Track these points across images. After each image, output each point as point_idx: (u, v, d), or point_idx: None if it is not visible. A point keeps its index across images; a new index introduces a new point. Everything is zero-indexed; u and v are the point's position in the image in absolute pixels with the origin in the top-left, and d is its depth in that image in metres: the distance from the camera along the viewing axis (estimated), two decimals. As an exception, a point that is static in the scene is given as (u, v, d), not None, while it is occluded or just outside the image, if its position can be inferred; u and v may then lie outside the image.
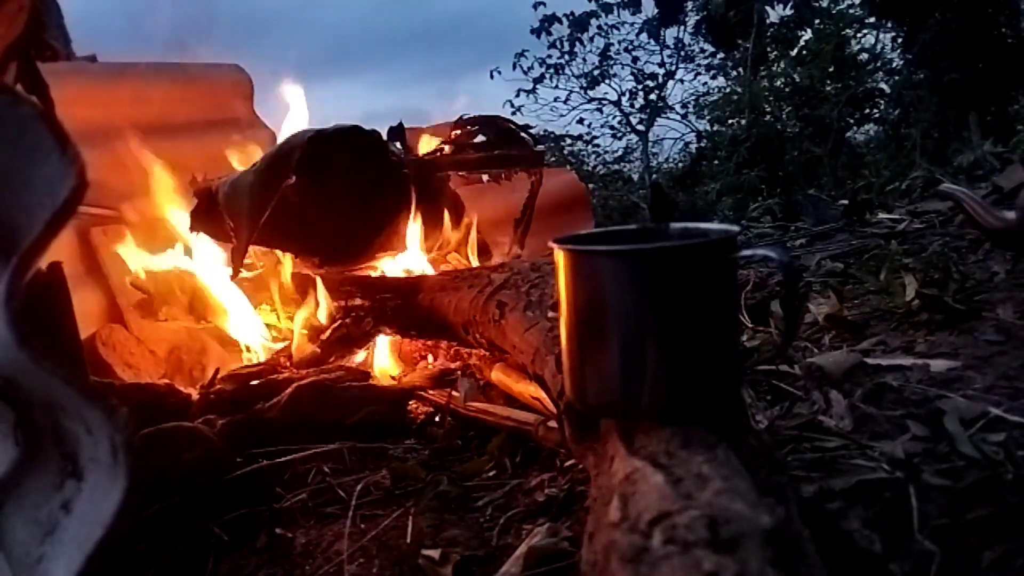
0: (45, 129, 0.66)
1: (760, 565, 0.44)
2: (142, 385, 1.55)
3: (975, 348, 1.25)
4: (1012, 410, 0.98)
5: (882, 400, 1.10)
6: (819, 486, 0.86)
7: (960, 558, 0.71)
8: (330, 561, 0.92)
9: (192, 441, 1.13)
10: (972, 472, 0.84)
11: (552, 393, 0.96)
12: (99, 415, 0.64)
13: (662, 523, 0.49)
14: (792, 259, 0.73)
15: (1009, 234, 1.60)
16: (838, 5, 8.68)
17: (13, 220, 0.65)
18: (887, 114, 8.51)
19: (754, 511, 0.49)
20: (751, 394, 1.18)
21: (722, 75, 10.39)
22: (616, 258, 0.70)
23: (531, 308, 1.15)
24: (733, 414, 0.73)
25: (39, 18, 1.44)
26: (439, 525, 0.97)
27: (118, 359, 1.77)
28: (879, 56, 8.73)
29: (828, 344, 1.43)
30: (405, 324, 1.64)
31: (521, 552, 0.82)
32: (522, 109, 10.43)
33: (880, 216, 2.85)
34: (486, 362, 1.45)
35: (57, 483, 0.69)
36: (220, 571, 0.94)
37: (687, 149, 10.54)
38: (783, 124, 8.41)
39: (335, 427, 1.30)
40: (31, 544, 0.69)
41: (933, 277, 1.60)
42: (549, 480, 1.03)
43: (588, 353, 0.72)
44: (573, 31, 10.25)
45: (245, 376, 1.59)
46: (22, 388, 0.70)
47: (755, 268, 1.86)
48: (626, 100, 10.79)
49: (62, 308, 0.91)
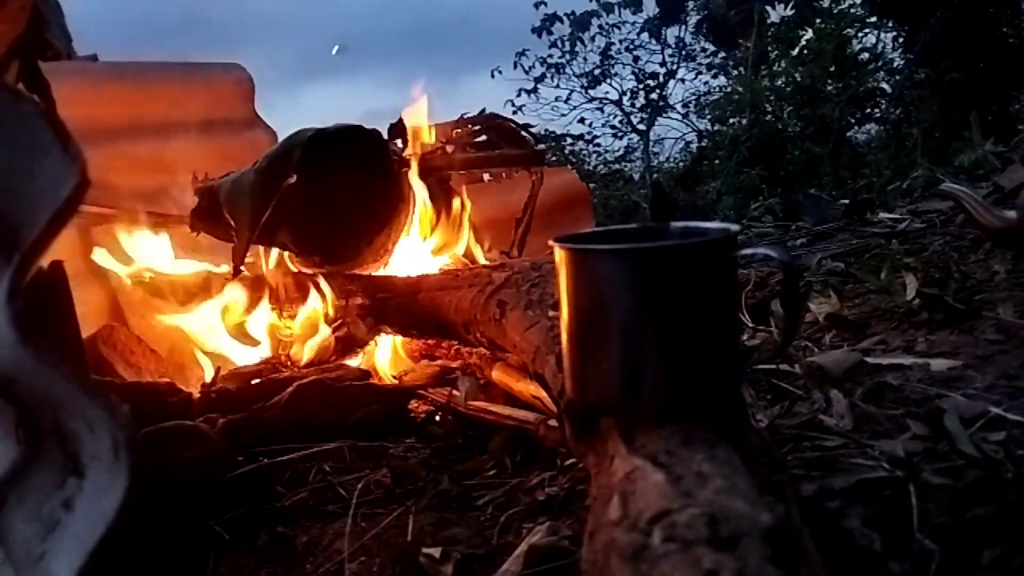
0: (47, 128, 0.67)
1: (760, 563, 0.44)
2: (143, 384, 1.56)
3: (975, 347, 1.25)
4: (1012, 409, 0.98)
5: (882, 399, 1.10)
6: (819, 485, 0.86)
7: (960, 557, 0.71)
8: (331, 560, 0.92)
9: (193, 440, 1.13)
10: (972, 471, 0.84)
11: (552, 392, 0.96)
12: (101, 413, 0.64)
13: (662, 521, 0.49)
14: (792, 258, 0.73)
15: (1010, 233, 1.59)
16: (839, 5, 8.67)
17: (15, 218, 0.66)
18: (888, 113, 8.50)
19: (754, 509, 0.49)
20: (751, 393, 1.18)
21: (723, 74, 10.38)
22: (616, 257, 0.70)
23: (532, 307, 1.15)
24: (733, 413, 0.73)
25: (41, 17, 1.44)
26: (440, 524, 0.97)
27: (119, 358, 1.77)
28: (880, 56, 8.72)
29: (828, 343, 1.43)
30: (406, 323, 1.64)
31: (522, 551, 0.82)
32: (523, 108, 10.42)
33: (881, 215, 2.85)
34: (487, 361, 1.45)
35: (59, 481, 0.69)
36: (221, 570, 0.95)
37: (688, 148, 10.53)
38: (784, 123, 8.40)
39: (336, 426, 1.31)
40: (33, 542, 0.69)
41: (934, 276, 1.60)
42: (549, 479, 1.03)
43: (588, 352, 0.72)
44: (574, 30, 10.23)
45: (246, 375, 1.60)
46: (23, 386, 0.70)
47: (756, 267, 1.86)
48: (627, 99, 10.78)
49: (64, 306, 0.91)
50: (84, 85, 2.25)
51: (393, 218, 1.77)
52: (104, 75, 2.48)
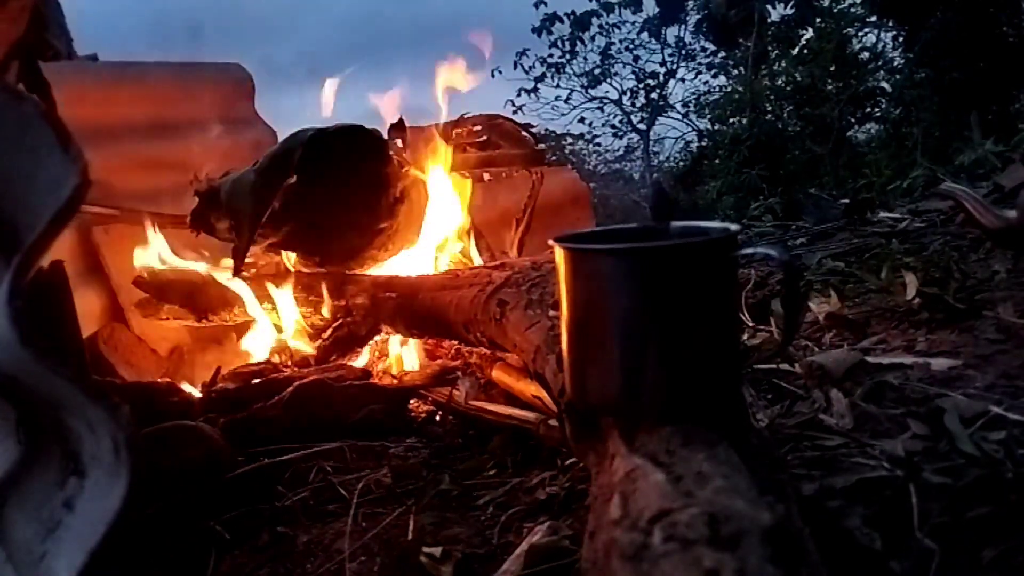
0: (47, 128, 0.67)
1: (760, 563, 0.44)
2: (144, 384, 1.56)
3: (976, 347, 1.25)
4: (1012, 408, 0.98)
5: (882, 398, 1.10)
6: (819, 484, 0.86)
7: (960, 556, 0.71)
8: (331, 559, 0.92)
9: (194, 440, 1.13)
10: (972, 470, 0.84)
11: (553, 392, 0.96)
12: (101, 413, 0.64)
13: (662, 521, 0.49)
14: (793, 258, 0.73)
15: (1010, 233, 1.59)
16: (839, 4, 8.67)
17: (16, 218, 0.66)
18: (888, 113, 8.50)
19: (754, 509, 0.49)
20: (752, 392, 1.18)
21: (723, 74, 10.39)
22: (616, 257, 0.70)
23: (532, 307, 1.15)
24: (733, 412, 0.73)
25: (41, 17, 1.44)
26: (440, 523, 0.97)
27: (120, 358, 1.77)
28: (880, 55, 8.72)
29: (829, 343, 1.43)
30: (406, 323, 1.64)
31: (522, 550, 0.82)
32: (523, 108, 10.43)
33: (881, 215, 2.85)
34: (487, 361, 1.45)
35: (59, 481, 0.70)
36: (221, 569, 0.95)
37: (688, 148, 10.54)
38: (784, 123, 8.40)
39: (336, 426, 1.31)
40: (34, 542, 0.69)
41: (934, 276, 1.60)
42: (550, 478, 1.03)
43: (589, 352, 0.72)
44: (574, 30, 10.24)
45: (247, 375, 1.60)
46: (24, 386, 0.70)
47: (756, 267, 1.86)
48: (627, 99, 10.79)
49: (64, 307, 0.91)
50: (84, 85, 2.25)
51: (393, 218, 1.77)
52: (104, 75, 2.48)
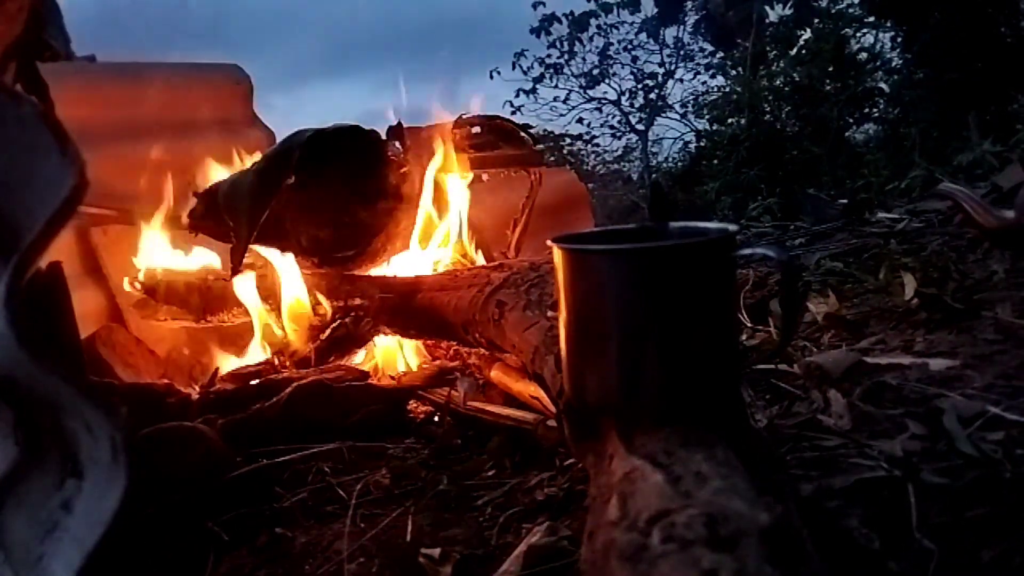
0: (45, 129, 0.67)
1: (758, 563, 0.44)
2: (142, 385, 1.55)
3: (974, 347, 1.25)
4: (1011, 409, 0.98)
5: (881, 399, 1.10)
6: (818, 484, 0.86)
7: (959, 556, 0.71)
8: (330, 560, 0.92)
9: (192, 441, 1.13)
10: (971, 471, 0.84)
11: (551, 392, 0.96)
12: (99, 414, 0.64)
13: (661, 521, 0.49)
14: (791, 258, 0.73)
15: (1008, 233, 1.60)
16: (837, 5, 8.67)
17: (13, 219, 0.66)
18: (887, 113, 8.50)
19: (753, 509, 0.49)
20: (750, 393, 1.18)
21: (721, 74, 10.38)
22: (615, 257, 0.70)
23: (530, 307, 1.15)
24: (732, 413, 0.73)
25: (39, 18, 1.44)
26: (439, 524, 0.97)
27: (118, 359, 1.77)
28: (879, 55, 8.72)
29: (827, 343, 1.43)
30: (405, 324, 1.64)
31: (520, 551, 0.82)
32: (522, 109, 10.42)
33: (879, 215, 2.85)
34: (485, 361, 1.45)
35: (57, 482, 0.69)
36: (220, 570, 0.94)
37: (687, 148, 10.53)
38: (782, 123, 8.40)
39: (335, 426, 1.31)
40: (32, 543, 0.69)
41: (932, 276, 1.61)
42: (548, 479, 1.03)
43: (587, 352, 0.72)
44: (572, 31, 10.24)
45: (245, 375, 1.59)
46: (22, 387, 0.70)
47: (754, 267, 1.86)
48: (625, 99, 10.78)
49: (62, 307, 0.91)
50: (83, 86, 2.25)
51: (392, 219, 1.77)
52: (103, 76, 2.48)
